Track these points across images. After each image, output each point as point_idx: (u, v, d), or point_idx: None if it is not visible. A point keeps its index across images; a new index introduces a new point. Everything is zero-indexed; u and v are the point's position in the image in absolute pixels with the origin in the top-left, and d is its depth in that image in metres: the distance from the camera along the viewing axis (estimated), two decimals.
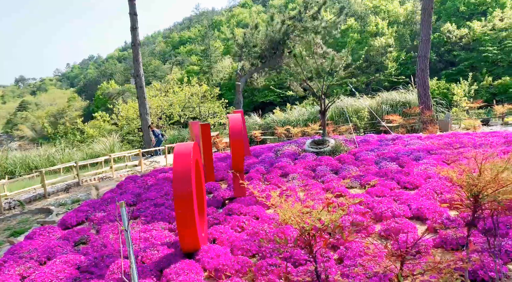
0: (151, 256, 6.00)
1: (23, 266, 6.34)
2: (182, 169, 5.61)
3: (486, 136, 11.31)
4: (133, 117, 27.62)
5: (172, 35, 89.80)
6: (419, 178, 7.80)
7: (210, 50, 58.38)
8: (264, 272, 4.79)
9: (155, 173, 12.87)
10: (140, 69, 24.52)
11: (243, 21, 77.15)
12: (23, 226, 9.97)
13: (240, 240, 6.02)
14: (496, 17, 49.22)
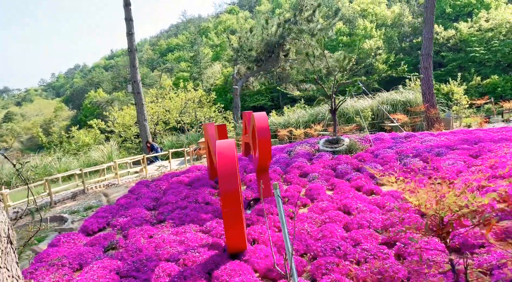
0: (193, 258, 5.81)
1: (57, 273, 6.10)
2: (227, 165, 5.46)
3: (500, 132, 11.36)
4: (129, 124, 27.27)
5: (159, 43, 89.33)
6: (450, 172, 7.75)
7: (199, 57, 58.18)
8: (324, 271, 4.65)
9: (166, 177, 12.63)
10: (137, 75, 24.28)
11: (231, 27, 77.15)
12: (38, 234, 9.66)
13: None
14: (482, 18, 50.08)
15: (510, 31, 47.08)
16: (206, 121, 29.86)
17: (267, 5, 78.07)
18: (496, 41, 47.48)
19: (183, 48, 77.75)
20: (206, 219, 7.72)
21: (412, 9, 54.11)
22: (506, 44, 46.57)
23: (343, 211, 6.80)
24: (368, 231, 5.60)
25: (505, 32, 47.42)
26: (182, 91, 29.48)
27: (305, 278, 4.74)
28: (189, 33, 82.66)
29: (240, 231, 5.45)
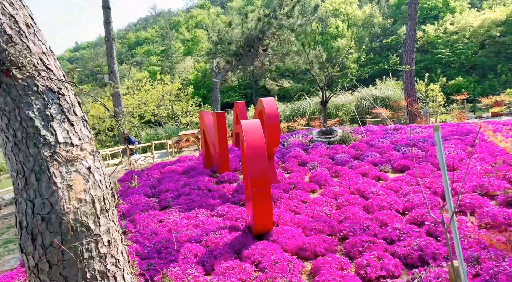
0: (216, 239, 5.74)
1: None
2: (255, 145, 5.42)
3: (482, 125, 11.79)
4: (104, 116, 26.53)
5: (127, 36, 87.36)
6: (453, 160, 7.98)
7: (171, 51, 57.39)
8: (361, 249, 4.69)
9: (156, 167, 12.40)
10: (115, 65, 23.67)
11: (202, 22, 76.48)
12: None
13: (306, 222, 5.88)
14: (447, 21, 51.89)
15: (473, 35, 48.99)
16: (183, 115, 29.48)
17: (239, 1, 77.82)
18: (460, 44, 49.32)
19: (152, 42, 76.41)
20: (215, 204, 7.63)
21: (382, 10, 55.37)
22: (469, 47, 48.47)
23: (357, 195, 6.88)
24: (391, 213, 5.69)
25: (468, 35, 49.31)
26: (159, 83, 28.96)
27: (340, 256, 4.76)
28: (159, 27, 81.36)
29: (268, 211, 5.42)
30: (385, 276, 4.05)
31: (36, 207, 2.01)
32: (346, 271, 4.26)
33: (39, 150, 2.05)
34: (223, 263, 4.95)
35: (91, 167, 2.16)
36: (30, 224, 2.01)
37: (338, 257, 4.52)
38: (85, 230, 2.06)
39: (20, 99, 2.08)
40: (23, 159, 2.05)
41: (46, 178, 2.03)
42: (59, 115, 2.14)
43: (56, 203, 2.02)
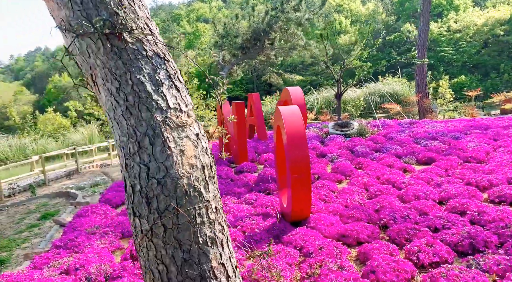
0: (251, 225, 5.72)
1: (102, 240, 5.85)
2: (296, 131, 5.38)
3: (500, 120, 11.81)
4: None
5: None
6: (480, 152, 7.98)
7: (173, 43, 57.02)
8: (406, 236, 4.69)
9: None
10: None
11: (203, 16, 76.10)
12: (47, 209, 9.23)
13: (342, 210, 5.87)
14: (451, 19, 51.85)
15: (476, 33, 49.01)
16: None
17: None
18: (463, 42, 49.34)
19: None
20: (241, 192, 7.61)
21: (386, 7, 55.28)
22: (472, 45, 48.51)
23: (388, 185, 6.87)
24: (428, 202, 5.68)
25: (472, 34, 49.33)
26: None
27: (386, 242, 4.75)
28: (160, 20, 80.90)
29: (307, 198, 5.40)
30: (438, 263, 4.04)
31: (151, 171, 1.98)
32: (395, 257, 4.25)
33: (152, 114, 2.02)
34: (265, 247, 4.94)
35: (198, 133, 2.13)
36: (145, 187, 1.98)
37: (385, 243, 4.51)
38: (197, 195, 2.04)
39: (131, 63, 2.05)
40: (135, 123, 2.01)
41: (160, 142, 2.00)
42: (167, 81, 2.11)
43: (171, 167, 1.99)
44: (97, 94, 2.22)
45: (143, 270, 2.12)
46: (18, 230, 7.85)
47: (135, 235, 2.08)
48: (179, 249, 1.99)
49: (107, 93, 2.09)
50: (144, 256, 2.06)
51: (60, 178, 13.38)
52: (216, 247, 2.09)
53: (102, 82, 2.09)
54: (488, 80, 46.88)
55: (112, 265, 5.01)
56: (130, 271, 4.67)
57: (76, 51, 2.10)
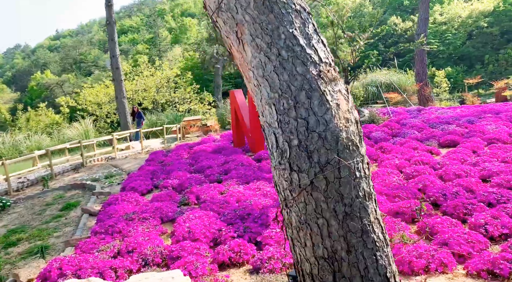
0: None
1: (144, 225, 5.80)
2: None
3: (507, 105, 12.04)
4: (103, 102, 26.00)
5: None
6: (502, 134, 8.12)
7: (159, 39, 56.61)
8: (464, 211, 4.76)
9: (182, 147, 12.30)
10: (116, 49, 23.18)
11: (188, 10, 75.57)
12: (65, 200, 9.08)
13: (386, 190, 5.92)
14: (437, 12, 52.51)
15: (461, 25, 49.78)
16: (180, 101, 29.16)
17: None
18: (449, 34, 50.06)
19: (138, 31, 75.10)
20: (271, 178, 7.60)
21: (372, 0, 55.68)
22: (457, 37, 49.26)
23: (422, 166, 6.94)
24: (471, 180, 5.76)
25: (457, 26, 50.09)
26: (158, 69, 28.53)
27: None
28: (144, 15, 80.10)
29: None
30: (507, 235, 4.11)
31: (311, 125, 1.95)
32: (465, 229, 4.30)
33: (307, 68, 1.99)
34: None
35: (347, 88, 2.11)
36: (304, 141, 1.96)
37: (447, 218, 4.57)
38: (355, 148, 2.03)
39: (282, 17, 2.02)
40: (289, 78, 1.99)
41: (318, 96, 1.98)
42: (315, 35, 2.09)
43: (330, 120, 1.97)
44: (238, 53, 2.18)
45: (296, 225, 2.09)
46: (43, 221, 7.70)
47: (290, 190, 2.06)
48: (341, 202, 1.98)
49: (255, 49, 2.06)
50: (301, 211, 2.04)
51: (67, 171, 13.14)
52: (371, 202, 2.09)
53: (251, 38, 2.05)
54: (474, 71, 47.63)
55: (167, 246, 4.97)
56: (189, 251, 4.63)
57: (224, 7, 2.06)
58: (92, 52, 77.20)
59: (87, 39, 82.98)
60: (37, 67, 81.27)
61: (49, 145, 21.91)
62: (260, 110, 2.16)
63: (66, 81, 65.41)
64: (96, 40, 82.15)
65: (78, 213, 7.91)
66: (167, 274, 3.47)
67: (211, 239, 5.12)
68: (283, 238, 4.53)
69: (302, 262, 2.12)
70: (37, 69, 79.13)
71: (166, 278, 3.34)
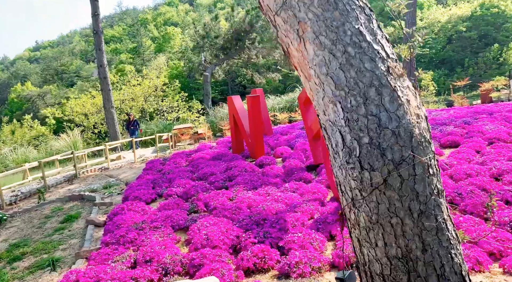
0: (310, 210, 5.73)
1: (157, 234, 5.68)
2: None
3: (499, 106, 12.26)
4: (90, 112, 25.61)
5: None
6: (502, 133, 8.24)
7: (142, 48, 56.29)
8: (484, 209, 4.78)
9: (179, 155, 12.15)
10: (104, 58, 22.94)
11: (171, 19, 75.34)
12: (65, 212, 8.87)
13: None
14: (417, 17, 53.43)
15: (441, 30, 50.81)
16: (168, 110, 28.95)
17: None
18: (429, 38, 51.01)
19: (120, 40, 74.56)
20: (278, 183, 7.58)
21: None
22: (438, 42, 50.25)
23: None
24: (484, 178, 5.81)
25: (436, 31, 51.08)
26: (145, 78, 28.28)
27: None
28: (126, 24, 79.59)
29: None
30: None
31: (383, 121, 1.92)
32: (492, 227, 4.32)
33: (376, 64, 1.96)
34: (338, 229, 4.92)
35: (413, 84, 2.09)
36: (376, 138, 1.92)
37: (469, 217, 4.59)
38: (427, 145, 2.00)
39: (348, 14, 1.99)
40: (357, 74, 1.95)
41: (389, 92, 1.95)
42: (379, 31, 2.06)
43: (402, 116, 1.94)
44: (297, 52, 2.14)
45: (366, 226, 2.05)
46: (46, 234, 7.49)
47: (359, 190, 2.01)
48: (416, 200, 1.95)
49: (318, 47, 2.02)
50: (372, 211, 1.99)
51: (60, 183, 12.86)
52: (443, 199, 2.06)
53: (314, 36, 2.02)
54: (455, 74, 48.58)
55: (186, 255, 4.88)
56: (210, 258, 4.54)
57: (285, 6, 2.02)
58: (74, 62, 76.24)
59: (68, 49, 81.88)
60: (17, 79, 79.89)
61: (36, 158, 21.48)
62: (321, 109, 2.12)
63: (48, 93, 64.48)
64: (78, 51, 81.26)
65: (81, 225, 7.73)
66: (202, 281, 3.38)
67: (229, 245, 5.04)
68: (307, 242, 4.49)
69: (371, 263, 2.08)
70: (17, 81, 77.78)
71: None
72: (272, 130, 13.32)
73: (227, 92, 51.67)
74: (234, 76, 46.02)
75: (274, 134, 12.85)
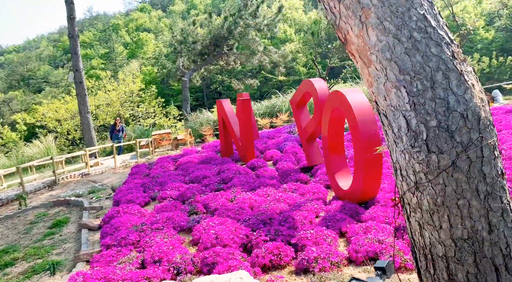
0: (315, 209, 5.76)
1: (160, 235, 5.57)
2: (365, 113, 5.50)
3: None
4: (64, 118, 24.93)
5: (62, 39, 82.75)
6: None
7: (114, 54, 55.48)
8: None
9: (165, 159, 12.00)
10: (80, 63, 22.48)
11: (143, 25, 74.58)
12: (51, 218, 8.58)
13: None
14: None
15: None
16: (144, 116, 28.57)
17: (181, 5, 76.95)
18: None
19: (91, 46, 73.17)
20: (275, 184, 7.58)
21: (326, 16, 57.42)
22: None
23: None
24: None
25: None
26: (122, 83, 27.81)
27: None
28: (97, 30, 78.24)
29: (378, 177, 5.51)
30: None
31: (451, 104, 1.96)
32: None
33: (442, 49, 2.01)
34: (349, 225, 4.98)
35: (473, 69, 2.14)
36: (444, 121, 1.95)
37: None
38: (492, 127, 2.05)
39: (412, 0, 2.03)
40: (423, 59, 1.99)
41: (456, 76, 1.99)
42: (440, 17, 2.10)
43: (470, 99, 1.99)
44: (357, 38, 2.16)
45: (429, 209, 2.07)
46: (35, 239, 7.21)
47: (425, 173, 2.04)
48: (483, 182, 1.99)
49: (382, 32, 2.06)
50: (438, 193, 2.02)
51: (39, 189, 12.43)
52: (506, 181, 2.11)
53: (378, 22, 2.05)
54: None
55: (196, 254, 4.81)
56: (224, 256, 4.49)
57: None
58: (42, 68, 74.22)
59: (35, 54, 79.73)
60: None
61: (7, 165, 20.75)
62: (381, 95, 2.15)
63: (14, 99, 62.43)
64: (45, 56, 79.21)
65: (71, 229, 7.50)
66: (232, 275, 3.34)
67: (239, 244, 5.00)
68: (320, 238, 4.51)
69: (433, 245, 2.11)
70: None
71: (233, 279, 3.21)
72: (259, 135, 13.34)
73: (202, 98, 51.49)
74: (210, 82, 45.91)
75: (261, 138, 12.88)
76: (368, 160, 5.33)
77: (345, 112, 5.74)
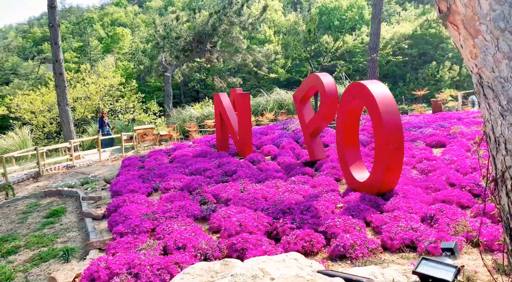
0: (333, 200, 5.77)
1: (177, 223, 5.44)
2: (389, 104, 5.56)
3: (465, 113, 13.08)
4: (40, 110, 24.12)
5: (32, 31, 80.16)
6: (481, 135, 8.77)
7: (89, 47, 54.21)
8: None
9: (158, 152, 11.79)
10: (60, 53, 21.82)
11: (119, 20, 73.18)
12: (45, 208, 8.28)
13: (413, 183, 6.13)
14: (364, 33, 55.87)
15: (385, 46, 53.43)
16: (123, 111, 28.01)
17: (158, 1, 75.98)
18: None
19: (63, 39, 71.22)
20: (282, 177, 7.57)
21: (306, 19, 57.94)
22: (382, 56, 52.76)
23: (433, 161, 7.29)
24: None
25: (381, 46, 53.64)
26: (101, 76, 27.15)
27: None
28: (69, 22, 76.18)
29: (399, 168, 5.57)
30: None
31: None
32: None
33: None
34: (373, 215, 5.01)
35: None
36: None
37: None
38: None
39: None
40: None
41: None
42: None
43: None
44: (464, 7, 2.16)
45: None
46: (33, 228, 6.92)
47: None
48: None
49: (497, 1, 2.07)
50: None
51: (23, 181, 11.98)
52: None
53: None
54: (397, 88, 51.18)
55: (222, 241, 4.73)
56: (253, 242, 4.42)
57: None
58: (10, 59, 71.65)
59: (2, 45, 76.92)
60: None
61: None
62: (488, 66, 2.15)
63: None
64: (14, 47, 76.54)
65: (71, 218, 7.27)
66: (285, 256, 3.29)
67: (264, 231, 4.95)
68: (350, 226, 4.52)
69: None
70: None
71: (288, 260, 3.17)
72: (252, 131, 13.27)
73: (179, 96, 50.91)
74: (188, 80, 45.40)
75: (254, 134, 12.81)
76: (390, 151, 5.38)
77: (367, 104, 5.78)
